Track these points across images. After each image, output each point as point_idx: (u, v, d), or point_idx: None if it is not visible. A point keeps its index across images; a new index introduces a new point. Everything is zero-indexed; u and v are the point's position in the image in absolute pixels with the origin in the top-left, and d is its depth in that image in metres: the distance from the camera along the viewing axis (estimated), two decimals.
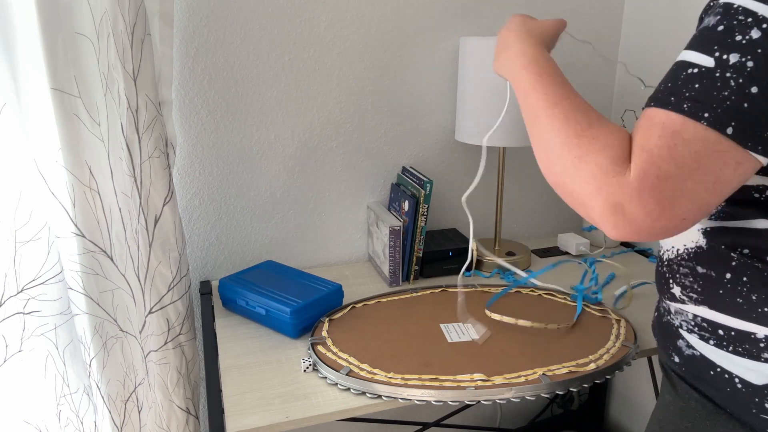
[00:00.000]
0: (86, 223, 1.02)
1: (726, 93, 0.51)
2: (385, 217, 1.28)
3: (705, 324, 0.66)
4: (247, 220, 1.33)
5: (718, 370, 0.65)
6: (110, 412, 1.12)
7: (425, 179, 1.24)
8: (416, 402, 0.88)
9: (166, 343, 1.12)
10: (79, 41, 0.95)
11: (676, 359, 0.71)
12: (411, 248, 1.29)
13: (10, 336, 1.04)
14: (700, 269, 0.65)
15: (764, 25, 0.50)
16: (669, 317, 0.73)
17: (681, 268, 0.67)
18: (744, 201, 0.60)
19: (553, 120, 0.62)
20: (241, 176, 1.29)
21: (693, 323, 0.67)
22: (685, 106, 0.52)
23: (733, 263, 0.61)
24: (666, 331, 0.73)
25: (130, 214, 1.04)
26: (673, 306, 0.71)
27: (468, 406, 1.57)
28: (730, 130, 0.50)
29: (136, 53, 0.98)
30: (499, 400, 0.88)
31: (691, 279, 0.66)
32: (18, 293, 1.02)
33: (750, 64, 0.50)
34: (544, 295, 1.20)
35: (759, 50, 0.50)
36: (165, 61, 1.07)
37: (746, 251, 0.61)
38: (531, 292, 1.22)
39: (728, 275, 0.62)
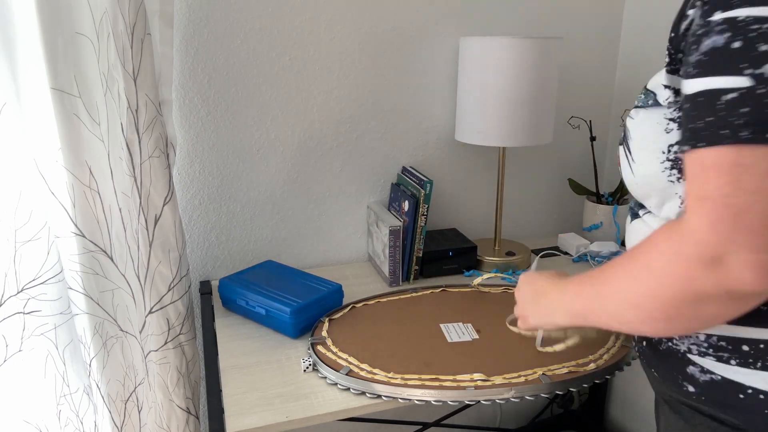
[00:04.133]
0: (86, 222, 1.02)
1: None
2: (385, 217, 1.28)
3: (723, 343, 0.60)
4: (247, 220, 1.33)
5: (749, 392, 0.58)
6: (110, 412, 1.12)
7: (425, 179, 1.24)
8: (416, 402, 0.88)
9: (166, 342, 1.12)
10: (79, 41, 0.95)
11: (691, 389, 0.63)
12: (411, 248, 1.29)
13: (10, 336, 1.04)
14: None
15: None
16: (670, 343, 0.66)
17: None
18: None
19: (623, 299, 0.60)
20: (241, 176, 1.29)
21: (706, 344, 0.61)
22: (741, 134, 0.49)
23: None
24: (669, 359, 0.66)
25: (130, 214, 1.04)
26: None
27: (468, 406, 1.57)
28: None
29: (136, 53, 0.98)
30: (499, 400, 0.88)
31: None
32: (18, 293, 1.02)
33: None
34: None
35: None
36: (165, 61, 1.07)
37: None
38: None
39: None
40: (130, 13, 0.95)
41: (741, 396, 0.59)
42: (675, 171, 0.63)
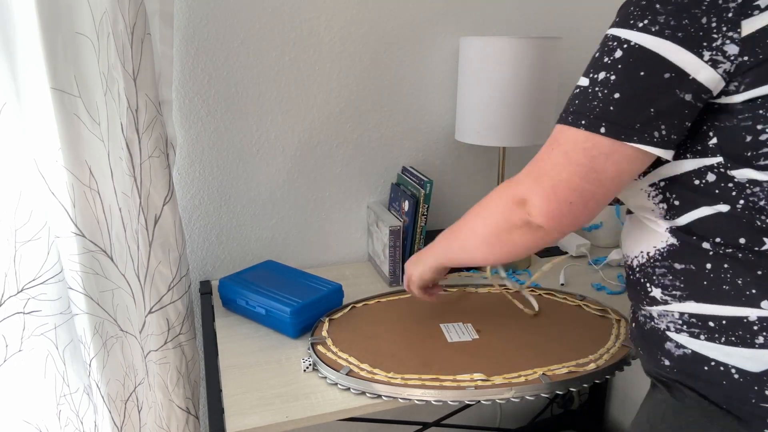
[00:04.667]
0: (86, 222, 1.01)
1: (595, 103, 0.64)
2: (385, 217, 1.28)
3: (694, 320, 0.67)
4: (247, 220, 1.33)
5: (713, 364, 0.65)
6: (110, 412, 1.12)
7: (425, 179, 1.24)
8: (416, 402, 0.88)
9: (166, 342, 1.12)
10: (79, 41, 0.95)
11: (667, 362, 0.71)
12: (411, 248, 1.29)
13: (10, 336, 1.04)
14: (678, 266, 0.68)
15: (624, 45, 0.63)
16: (653, 323, 0.73)
17: (657, 270, 0.70)
18: (692, 193, 0.66)
19: (468, 233, 0.83)
20: (241, 176, 1.29)
21: (681, 321, 0.68)
22: (569, 118, 0.66)
23: (711, 253, 0.65)
24: (651, 337, 0.73)
25: (130, 213, 1.04)
26: (656, 310, 0.72)
27: (468, 406, 1.57)
28: (603, 129, 0.63)
29: (136, 53, 0.98)
30: (499, 400, 0.88)
31: (671, 277, 0.69)
32: (18, 293, 1.02)
33: (612, 77, 0.63)
34: (544, 295, 1.20)
35: (619, 66, 0.63)
36: (165, 61, 1.07)
37: (718, 239, 0.64)
38: (531, 292, 1.22)
39: (708, 266, 0.65)
40: (130, 13, 0.95)
41: (705, 368, 0.66)
42: None
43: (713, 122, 0.62)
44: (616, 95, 0.63)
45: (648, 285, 0.72)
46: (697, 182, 0.65)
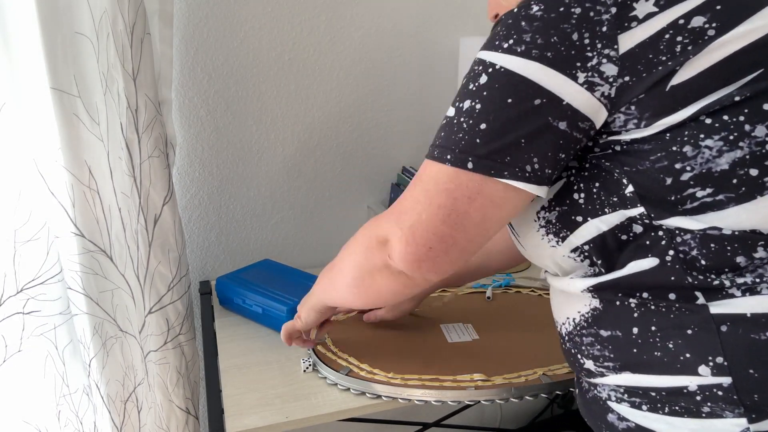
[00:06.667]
0: (86, 222, 1.01)
1: (461, 135, 0.56)
2: None
3: (634, 389, 0.59)
4: (246, 220, 1.33)
5: None
6: (110, 412, 1.12)
7: None
8: (416, 402, 0.88)
9: (165, 343, 1.12)
10: (79, 41, 0.95)
11: None
12: None
13: (9, 336, 1.03)
14: (603, 333, 0.60)
15: (490, 70, 0.55)
16: (595, 391, 0.65)
17: (584, 339, 0.63)
18: (619, 247, 0.58)
19: (338, 272, 0.75)
20: (241, 176, 1.29)
21: (622, 390, 0.60)
22: (435, 152, 0.59)
23: (635, 314, 0.58)
24: (594, 407, 0.65)
25: (130, 214, 1.04)
26: (595, 380, 0.64)
27: (468, 406, 1.57)
28: (470, 165, 0.56)
29: (136, 53, 0.98)
30: (499, 400, 0.88)
31: (599, 347, 0.61)
32: (17, 293, 1.02)
33: (478, 106, 0.56)
34: (544, 295, 1.20)
35: (484, 93, 0.56)
36: (165, 61, 1.07)
37: (645, 295, 0.57)
38: (531, 292, 1.22)
39: (635, 330, 0.58)
40: (129, 13, 0.95)
41: None
42: (551, 236, 0.62)
43: (623, 167, 0.54)
44: (482, 126, 0.55)
45: (580, 357, 0.64)
46: (624, 237, 0.57)
